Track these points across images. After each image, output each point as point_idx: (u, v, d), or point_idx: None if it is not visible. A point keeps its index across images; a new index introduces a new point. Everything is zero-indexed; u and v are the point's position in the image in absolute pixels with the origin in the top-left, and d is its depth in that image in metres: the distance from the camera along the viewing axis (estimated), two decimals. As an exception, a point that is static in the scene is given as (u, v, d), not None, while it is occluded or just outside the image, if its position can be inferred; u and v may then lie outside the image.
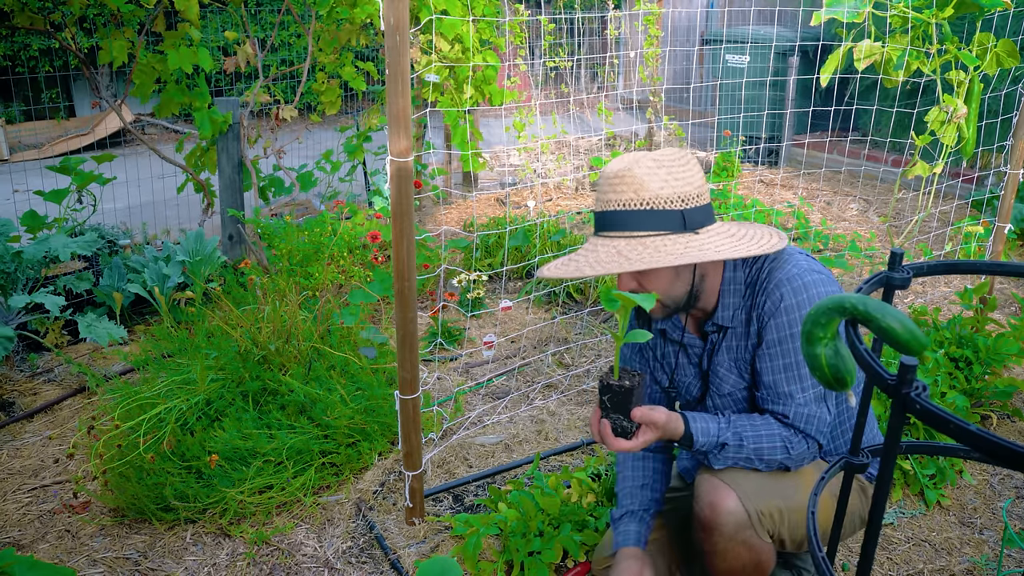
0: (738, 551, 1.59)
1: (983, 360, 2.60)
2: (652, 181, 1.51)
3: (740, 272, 1.63)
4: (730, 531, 1.57)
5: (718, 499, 1.58)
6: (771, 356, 1.59)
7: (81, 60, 3.58)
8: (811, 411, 1.58)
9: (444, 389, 2.99)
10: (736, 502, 1.57)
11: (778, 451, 1.58)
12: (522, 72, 6.14)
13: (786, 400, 1.58)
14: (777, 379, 1.59)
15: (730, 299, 1.64)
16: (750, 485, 1.59)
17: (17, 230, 3.36)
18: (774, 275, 1.59)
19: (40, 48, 7.48)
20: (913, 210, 4.94)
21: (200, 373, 2.52)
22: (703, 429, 1.60)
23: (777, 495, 1.60)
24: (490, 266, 4.00)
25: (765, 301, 1.58)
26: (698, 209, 1.54)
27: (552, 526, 2.05)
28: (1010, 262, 1.12)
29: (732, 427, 1.60)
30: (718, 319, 1.65)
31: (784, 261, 1.60)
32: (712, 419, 1.62)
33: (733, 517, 1.56)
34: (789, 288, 1.56)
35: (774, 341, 1.58)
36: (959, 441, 0.75)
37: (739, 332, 1.65)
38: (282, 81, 7.62)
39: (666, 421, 1.56)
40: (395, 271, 1.93)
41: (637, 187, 1.51)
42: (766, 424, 1.60)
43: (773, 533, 1.61)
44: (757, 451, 1.59)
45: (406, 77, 1.78)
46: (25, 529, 2.26)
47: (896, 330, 0.84)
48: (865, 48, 2.91)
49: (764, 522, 1.58)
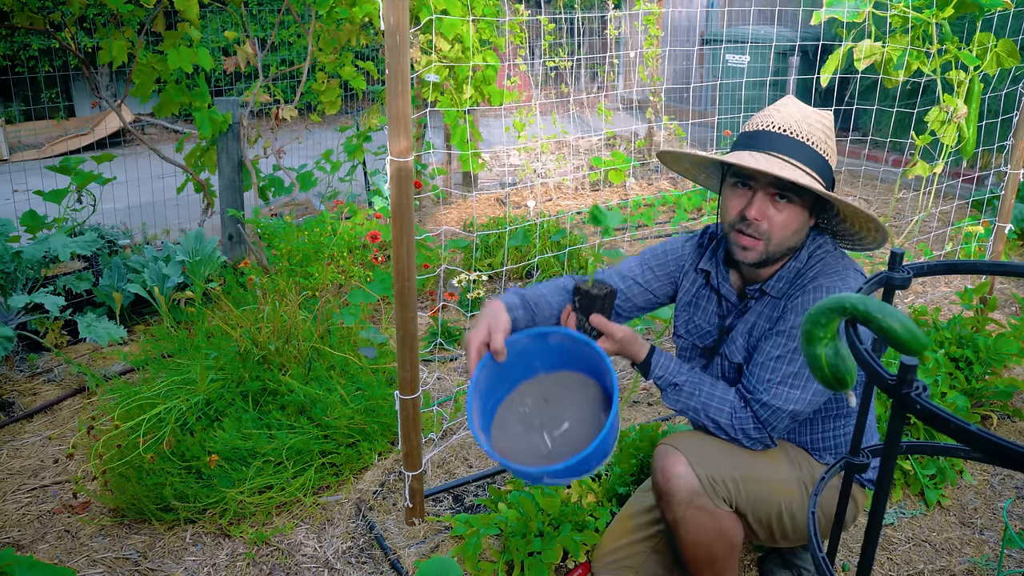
0: (696, 517, 1.61)
1: (983, 360, 2.60)
2: (823, 133, 1.60)
3: (805, 254, 1.66)
4: (684, 496, 1.60)
5: (668, 464, 1.62)
6: (773, 344, 1.61)
7: (81, 60, 3.58)
8: (775, 404, 1.59)
9: (444, 389, 2.99)
10: (686, 466, 1.60)
11: (723, 416, 1.63)
12: (522, 72, 6.14)
13: (760, 383, 1.60)
14: (765, 363, 1.61)
15: (787, 273, 1.66)
16: (702, 452, 1.63)
17: (17, 230, 3.36)
18: (819, 278, 1.61)
19: (40, 48, 7.48)
20: (913, 210, 4.94)
21: (200, 373, 2.52)
22: (663, 364, 1.66)
23: (731, 465, 1.63)
24: (490, 266, 4.00)
25: (799, 296, 1.61)
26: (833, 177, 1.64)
27: (552, 526, 2.05)
28: (1010, 262, 1.12)
29: (693, 375, 1.66)
30: (767, 287, 1.67)
31: (836, 271, 1.61)
32: (678, 362, 1.68)
33: (684, 481, 1.60)
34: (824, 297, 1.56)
35: (783, 332, 1.60)
36: (959, 441, 0.75)
37: (766, 312, 1.67)
38: (282, 81, 7.62)
39: (623, 337, 1.62)
40: (395, 271, 1.93)
41: (812, 130, 1.59)
42: (725, 390, 1.65)
43: (731, 503, 1.63)
44: (705, 406, 1.63)
45: (406, 77, 1.78)
46: (25, 529, 2.26)
47: (896, 330, 0.84)
48: (865, 48, 2.91)
49: (718, 489, 1.61)
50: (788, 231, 1.60)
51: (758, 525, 1.68)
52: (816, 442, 1.74)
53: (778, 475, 1.66)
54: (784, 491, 1.66)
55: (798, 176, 1.51)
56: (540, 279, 3.85)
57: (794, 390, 1.58)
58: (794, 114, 1.60)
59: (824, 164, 1.59)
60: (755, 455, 1.66)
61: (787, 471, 1.68)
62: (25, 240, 3.43)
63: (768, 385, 1.59)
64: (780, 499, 1.66)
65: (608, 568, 1.88)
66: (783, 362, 1.59)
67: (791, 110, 1.61)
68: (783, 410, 1.59)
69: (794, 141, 1.57)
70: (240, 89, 7.08)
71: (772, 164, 1.53)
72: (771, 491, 1.65)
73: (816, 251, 1.66)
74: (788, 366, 1.58)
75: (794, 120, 1.59)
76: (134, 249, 3.82)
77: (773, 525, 1.68)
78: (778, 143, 1.57)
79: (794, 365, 1.58)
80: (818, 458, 1.74)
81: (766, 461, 1.66)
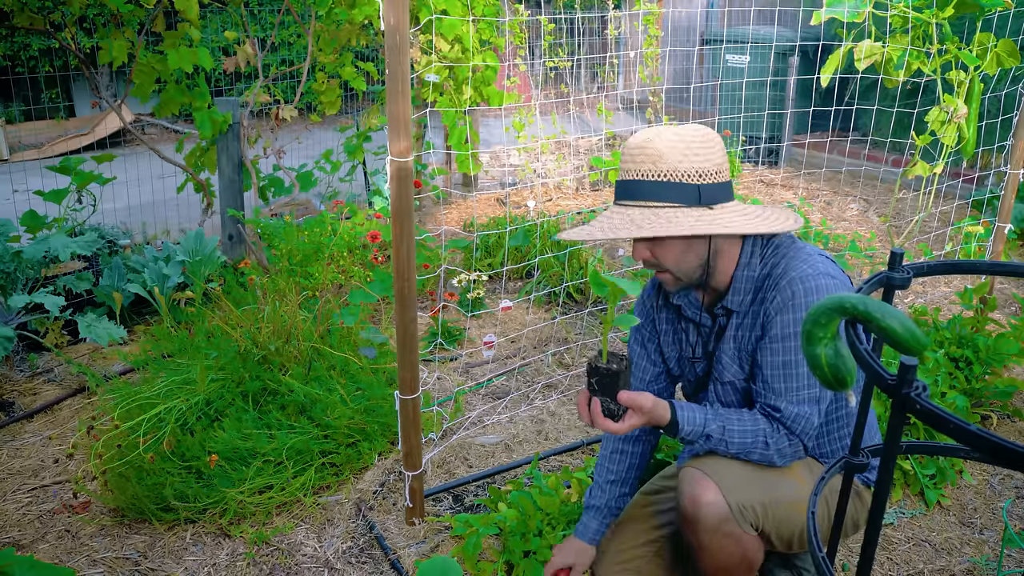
0: (723, 544, 1.59)
1: (983, 360, 2.60)
2: (671, 154, 1.53)
3: (756, 259, 1.64)
4: (712, 523, 1.58)
5: (699, 492, 1.59)
6: (772, 351, 1.59)
7: (81, 60, 3.58)
8: (801, 410, 1.58)
9: (444, 389, 2.99)
10: (717, 494, 1.57)
11: (759, 446, 1.60)
12: (522, 72, 6.14)
13: (779, 395, 1.59)
14: (774, 374, 1.59)
15: (743, 284, 1.64)
16: (732, 477, 1.60)
17: (17, 230, 3.36)
18: (789, 272, 1.58)
19: (40, 48, 7.47)
20: (913, 210, 4.94)
21: (200, 373, 2.52)
22: (689, 418, 1.61)
23: (759, 489, 1.61)
24: (490, 266, 4.00)
25: (776, 296, 1.59)
26: (715, 186, 1.55)
27: (552, 526, 2.05)
28: (1010, 262, 1.12)
29: (719, 419, 1.62)
30: (727, 303, 1.66)
31: (802, 260, 1.59)
32: (700, 409, 1.63)
33: (714, 509, 1.57)
34: (801, 287, 1.56)
35: (777, 336, 1.58)
36: (959, 441, 0.75)
37: (746, 323, 1.65)
38: (282, 81, 7.61)
39: (652, 406, 1.57)
40: (395, 271, 1.93)
41: (656, 159, 1.53)
42: (752, 419, 1.61)
43: (757, 527, 1.61)
44: (741, 444, 1.60)
45: (406, 77, 1.78)
46: (25, 529, 2.26)
47: (896, 330, 0.84)
48: (865, 48, 2.91)
49: (746, 515, 1.59)
50: (682, 262, 1.60)
51: (779, 542, 1.66)
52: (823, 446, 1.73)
53: (802, 494, 1.65)
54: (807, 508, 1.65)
55: (631, 232, 1.51)
56: (540, 279, 3.85)
57: (813, 389, 1.57)
58: (647, 151, 1.54)
59: (689, 187, 1.53)
60: (782, 474, 1.64)
61: (808, 487, 1.66)
62: (25, 240, 3.43)
63: (787, 394, 1.58)
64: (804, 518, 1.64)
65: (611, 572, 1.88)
66: (792, 366, 1.58)
67: (642, 145, 1.55)
68: (811, 415, 1.58)
69: (651, 184, 1.54)
70: (240, 89, 7.07)
71: (615, 224, 1.54)
72: (796, 511, 1.63)
73: (770, 253, 1.63)
74: (798, 368, 1.57)
75: (647, 158, 1.54)
76: (134, 249, 3.82)
77: (794, 541, 1.67)
78: (636, 190, 1.56)
79: (804, 366, 1.56)
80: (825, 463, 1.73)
81: (792, 480, 1.64)
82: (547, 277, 3.85)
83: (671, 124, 5.85)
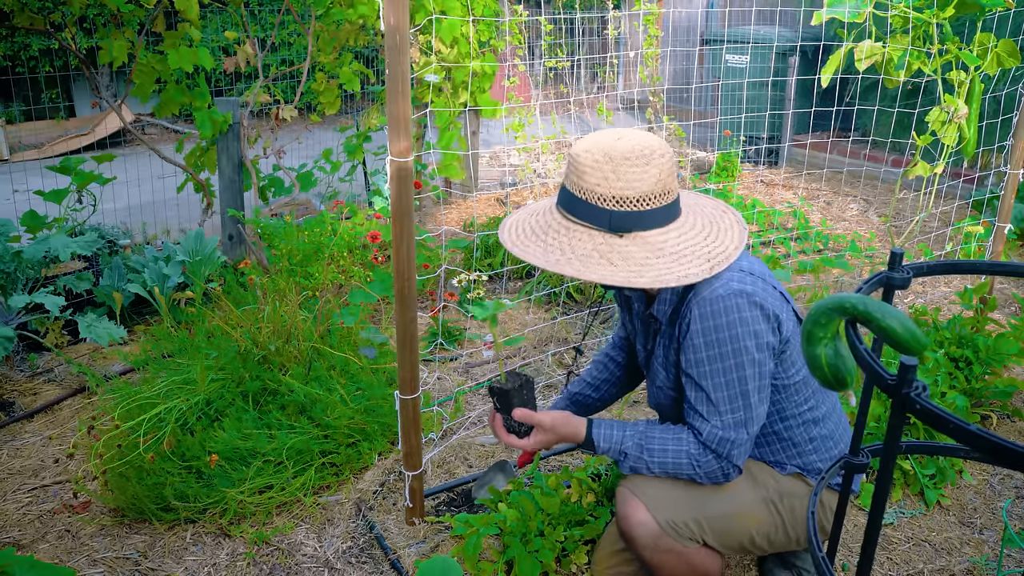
0: (665, 559, 1.58)
1: (983, 360, 2.60)
2: (592, 174, 1.49)
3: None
4: (647, 542, 1.57)
5: (628, 511, 1.59)
6: (687, 375, 1.56)
7: (81, 60, 3.58)
8: (726, 435, 1.53)
9: (444, 389, 2.99)
10: (644, 513, 1.57)
11: (684, 467, 1.57)
12: (521, 72, 6.14)
13: (702, 418, 1.55)
14: (696, 396, 1.56)
15: (667, 294, 1.61)
16: (660, 496, 1.58)
17: (17, 230, 3.36)
18: (701, 289, 1.53)
19: (40, 48, 7.47)
20: (913, 210, 4.94)
21: (200, 373, 2.52)
22: (605, 435, 1.60)
23: (690, 505, 1.58)
24: (490, 266, 4.00)
25: (687, 314, 1.54)
26: (631, 214, 1.48)
27: (552, 526, 2.05)
28: (1010, 262, 1.12)
29: (639, 437, 1.59)
30: (654, 311, 1.64)
31: (717, 275, 1.51)
32: (620, 426, 1.61)
33: (644, 529, 1.57)
34: (709, 309, 1.50)
35: (691, 361, 1.54)
36: (959, 441, 0.75)
37: (670, 335, 1.63)
38: (282, 81, 7.61)
39: (552, 424, 1.59)
40: (395, 271, 1.93)
41: (580, 173, 1.51)
42: (676, 439, 1.58)
43: (696, 540, 1.59)
44: (661, 464, 1.58)
45: (406, 78, 1.78)
46: (25, 529, 2.26)
47: (896, 330, 0.84)
48: (866, 48, 2.91)
49: (681, 531, 1.57)
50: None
51: (732, 551, 1.66)
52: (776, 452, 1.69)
53: (741, 504, 1.62)
54: (749, 518, 1.62)
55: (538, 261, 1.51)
56: (540, 279, 3.85)
57: (738, 413, 1.53)
58: (579, 163, 1.50)
59: (600, 212, 1.49)
60: (716, 488, 1.61)
61: (750, 496, 1.64)
62: (25, 240, 3.43)
63: (711, 417, 1.53)
64: (747, 527, 1.63)
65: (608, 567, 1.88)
66: (710, 390, 1.53)
67: (577, 153, 1.51)
68: (739, 439, 1.54)
69: (571, 196, 1.53)
70: (240, 89, 7.07)
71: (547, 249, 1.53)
72: (736, 522, 1.61)
73: None
74: (716, 392, 1.52)
75: (574, 169, 1.51)
76: (134, 249, 3.82)
77: (747, 548, 1.66)
78: (564, 196, 1.56)
79: (728, 388, 1.51)
80: (780, 470, 1.69)
81: (725, 494, 1.62)
82: (547, 277, 3.85)
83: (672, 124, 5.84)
